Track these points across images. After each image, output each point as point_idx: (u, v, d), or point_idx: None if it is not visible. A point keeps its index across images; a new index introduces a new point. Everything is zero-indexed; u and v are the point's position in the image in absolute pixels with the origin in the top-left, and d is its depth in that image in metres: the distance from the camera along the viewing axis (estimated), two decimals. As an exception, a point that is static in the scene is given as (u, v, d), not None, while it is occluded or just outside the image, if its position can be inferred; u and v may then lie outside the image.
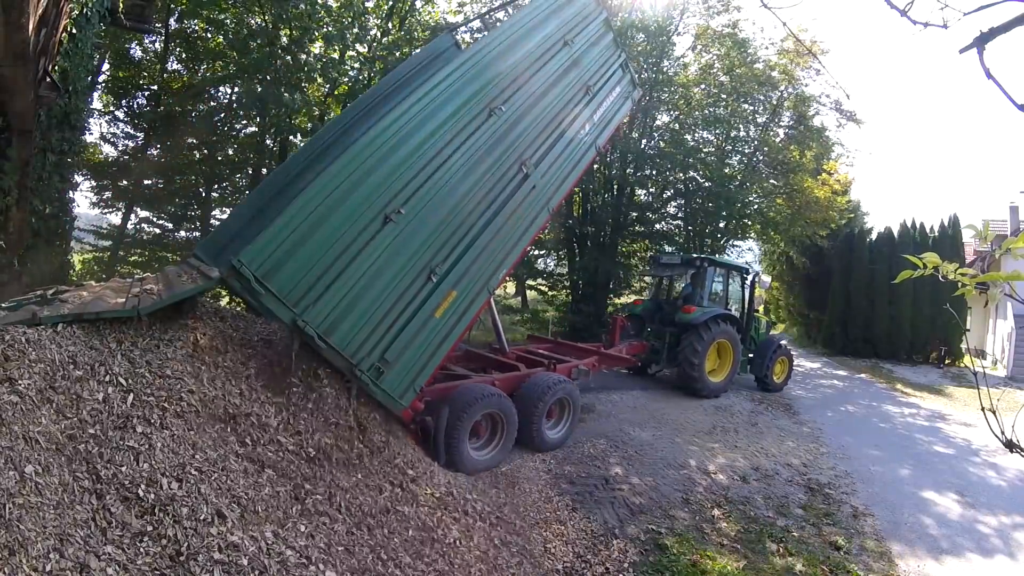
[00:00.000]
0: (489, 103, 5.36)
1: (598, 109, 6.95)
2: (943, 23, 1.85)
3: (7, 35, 3.94)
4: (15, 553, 2.25)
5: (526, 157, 5.76)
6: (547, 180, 6.09)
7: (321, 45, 12.33)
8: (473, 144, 5.22)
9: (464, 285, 5.17)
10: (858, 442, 8.29)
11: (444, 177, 4.95)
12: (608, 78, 7.21)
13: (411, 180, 4.71)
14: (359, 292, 4.42)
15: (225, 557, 2.78)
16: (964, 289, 1.62)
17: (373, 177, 4.47)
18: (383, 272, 4.54)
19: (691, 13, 15.37)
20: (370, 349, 4.49)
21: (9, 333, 3.18)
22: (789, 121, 16.55)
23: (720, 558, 4.61)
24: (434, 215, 4.87)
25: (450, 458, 5.18)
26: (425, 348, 4.88)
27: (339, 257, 4.31)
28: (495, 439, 5.76)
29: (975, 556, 5.03)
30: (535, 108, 5.92)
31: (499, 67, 5.53)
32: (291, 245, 4.11)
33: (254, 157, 13.83)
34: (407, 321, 4.73)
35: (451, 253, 5.05)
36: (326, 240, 4.24)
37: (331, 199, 4.28)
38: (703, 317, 9.48)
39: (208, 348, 4.05)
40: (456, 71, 5.11)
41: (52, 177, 6.68)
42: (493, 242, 5.44)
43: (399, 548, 3.62)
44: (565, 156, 6.40)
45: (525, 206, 5.81)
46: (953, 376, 15.61)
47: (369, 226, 4.46)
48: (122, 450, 2.97)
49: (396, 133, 4.61)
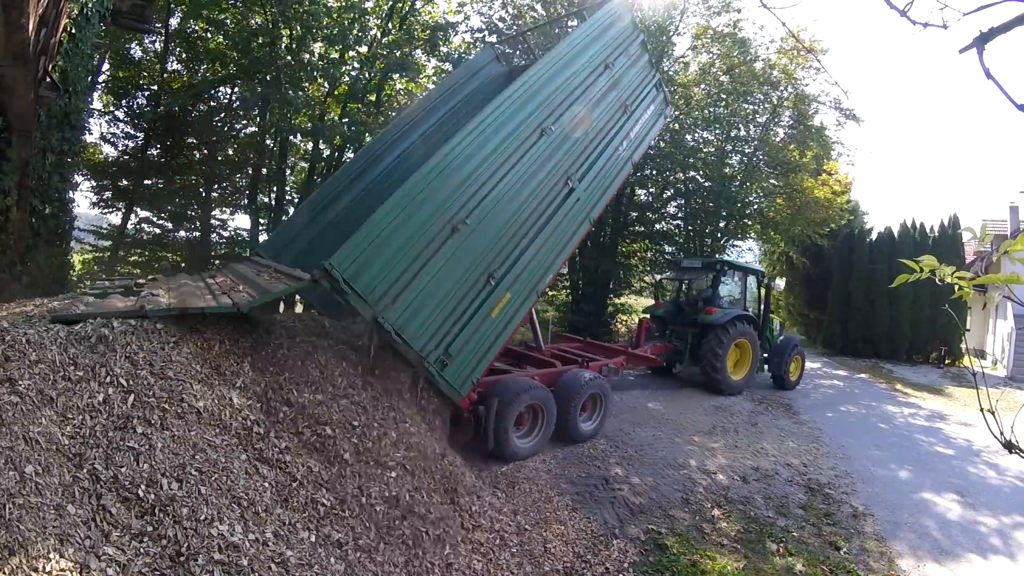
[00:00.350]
0: (540, 124, 5.90)
1: (635, 126, 7.43)
2: (943, 23, 1.85)
3: (7, 35, 3.95)
4: (15, 553, 2.25)
5: (571, 172, 6.31)
6: (589, 193, 6.61)
7: (322, 45, 12.33)
8: (526, 161, 5.77)
9: (516, 288, 5.71)
10: (858, 442, 8.29)
11: (502, 191, 5.52)
12: (644, 97, 7.68)
13: (474, 194, 5.28)
14: (428, 293, 4.94)
15: (225, 558, 2.78)
16: (962, 292, 1.62)
17: (442, 192, 5.03)
18: (449, 276, 5.08)
19: (691, 13, 15.39)
20: (436, 344, 5.01)
21: (10, 334, 3.18)
22: (789, 121, 16.55)
23: (720, 558, 4.62)
24: (493, 225, 5.45)
25: (497, 445, 5.72)
26: (482, 344, 5.41)
27: (413, 262, 4.84)
28: (536, 429, 6.24)
29: (975, 556, 5.03)
30: (580, 127, 6.44)
31: (549, 89, 6.05)
32: (372, 251, 4.60)
33: (254, 157, 13.83)
34: (468, 320, 5.27)
35: (506, 259, 5.60)
36: (402, 247, 4.76)
37: (407, 211, 4.79)
38: (724, 318, 9.86)
39: (208, 349, 4.05)
40: (513, 94, 5.63)
41: (52, 177, 6.68)
42: (542, 250, 5.98)
43: (400, 545, 3.62)
44: (605, 171, 6.87)
45: (570, 217, 6.32)
46: (953, 376, 15.61)
47: (439, 235, 5.01)
48: (122, 450, 2.97)
49: (461, 153, 5.19)
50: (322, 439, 3.95)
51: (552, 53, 6.27)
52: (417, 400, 5.06)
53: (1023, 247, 1.43)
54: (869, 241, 19.32)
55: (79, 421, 2.99)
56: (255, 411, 3.79)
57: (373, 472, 3.99)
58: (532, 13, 15.01)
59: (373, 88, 13.24)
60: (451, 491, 4.42)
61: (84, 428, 2.97)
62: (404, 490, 4.01)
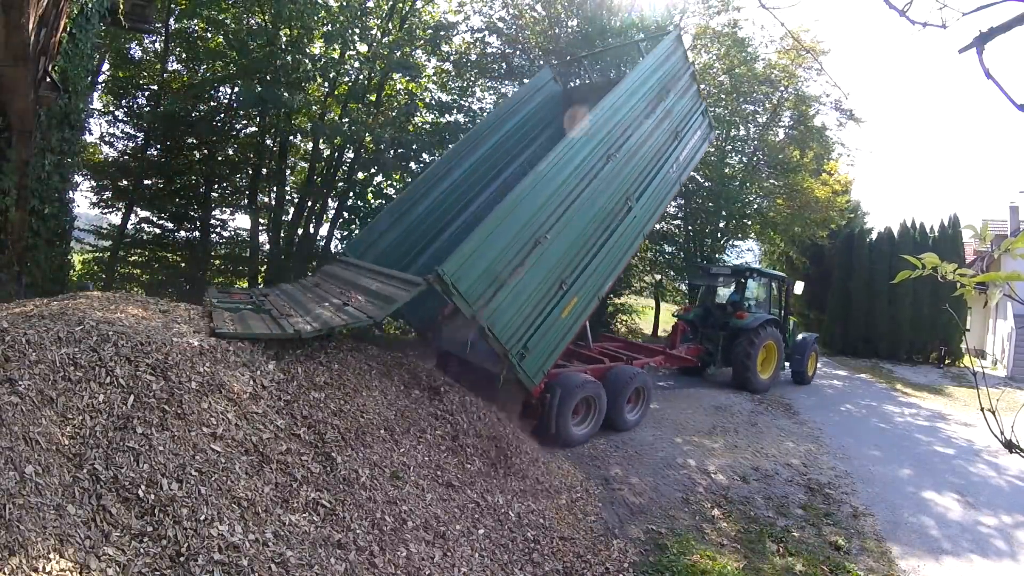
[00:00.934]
0: (607, 151, 6.69)
1: (683, 150, 8.19)
2: (942, 23, 1.85)
3: (7, 35, 3.95)
4: (15, 553, 2.25)
5: (631, 192, 7.06)
6: (644, 211, 7.36)
7: (321, 44, 12.32)
8: (595, 183, 6.54)
9: (583, 293, 6.49)
10: (858, 442, 8.29)
11: (575, 209, 6.31)
12: (692, 123, 8.39)
13: (553, 212, 6.09)
14: (513, 297, 5.74)
15: (225, 558, 2.78)
16: (963, 289, 1.62)
17: (529, 211, 5.88)
18: (530, 282, 5.89)
19: (691, 13, 15.38)
20: (518, 339, 5.80)
21: (10, 334, 3.18)
22: (789, 121, 16.54)
23: (720, 558, 4.62)
24: (567, 239, 6.24)
25: (557, 432, 6.41)
26: (553, 340, 6.20)
27: (503, 270, 5.65)
28: (589, 418, 6.96)
29: (975, 556, 5.03)
30: (639, 152, 7.20)
31: (615, 120, 6.85)
32: (473, 261, 5.42)
33: (254, 157, 13.82)
34: (543, 319, 6.06)
35: (576, 268, 6.39)
36: (496, 258, 5.59)
37: (501, 227, 5.67)
38: (755, 322, 10.54)
39: (209, 349, 4.05)
40: (587, 128, 6.48)
41: (52, 177, 6.68)
42: (604, 261, 6.75)
43: (402, 541, 3.62)
44: (658, 191, 7.64)
45: (628, 232, 7.08)
46: (953, 376, 15.61)
47: (524, 247, 5.82)
48: (122, 451, 2.97)
49: (545, 176, 6.01)
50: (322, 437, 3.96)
51: (618, 88, 6.98)
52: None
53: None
54: (869, 241, 19.31)
55: (79, 421, 2.99)
56: (259, 411, 3.79)
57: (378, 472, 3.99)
58: (532, 13, 15.01)
59: (373, 88, 13.24)
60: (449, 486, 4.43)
61: (84, 428, 2.97)
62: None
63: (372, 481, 3.96)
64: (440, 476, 4.50)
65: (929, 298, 17.12)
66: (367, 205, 14.44)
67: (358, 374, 4.97)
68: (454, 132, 13.54)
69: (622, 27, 13.87)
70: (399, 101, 14.18)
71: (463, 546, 3.93)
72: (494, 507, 4.55)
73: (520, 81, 15.59)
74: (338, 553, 3.28)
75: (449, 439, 5.08)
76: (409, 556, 3.57)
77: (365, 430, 4.38)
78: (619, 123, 6.87)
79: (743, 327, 10.46)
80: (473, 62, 14.80)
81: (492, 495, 4.68)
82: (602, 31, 13.57)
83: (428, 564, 3.60)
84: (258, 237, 14.29)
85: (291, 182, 14.85)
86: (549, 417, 6.40)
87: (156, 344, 3.81)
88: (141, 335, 3.85)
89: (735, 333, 10.56)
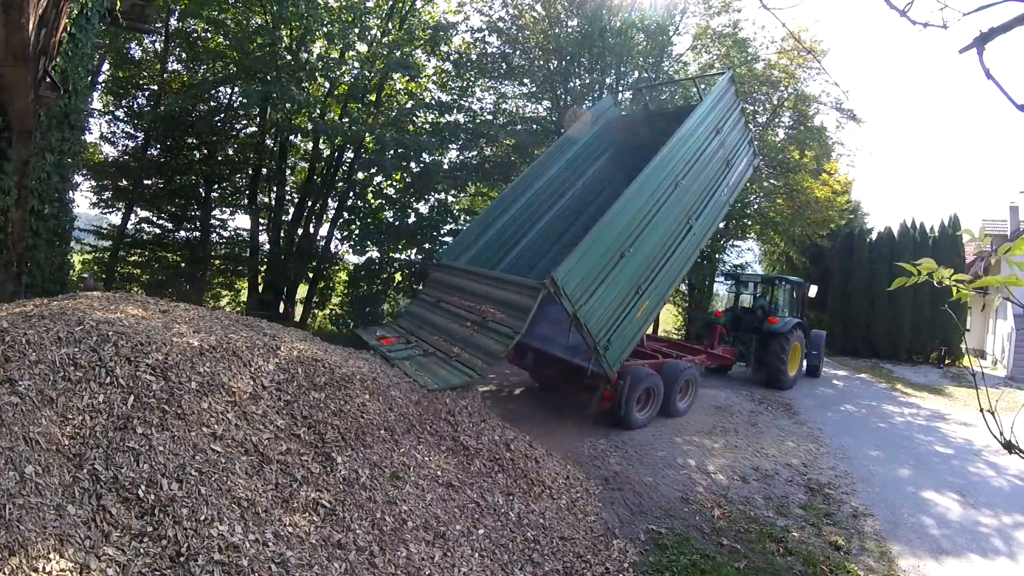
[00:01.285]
0: (675, 179, 7.79)
1: (732, 176, 9.28)
2: (943, 23, 1.85)
3: (7, 35, 3.95)
4: (15, 553, 2.25)
5: (691, 213, 8.16)
6: (701, 229, 8.47)
7: (322, 44, 12.32)
8: (665, 206, 7.63)
9: (653, 298, 7.57)
10: (858, 442, 8.29)
11: (651, 227, 7.41)
12: (740, 152, 9.47)
13: (635, 229, 7.20)
14: (602, 298, 6.81)
15: (225, 558, 2.78)
16: (961, 294, 1.61)
17: (618, 228, 7.01)
18: (615, 287, 6.98)
19: (691, 13, 15.38)
20: (603, 334, 6.88)
21: (10, 334, 3.18)
22: (789, 121, 16.54)
23: (720, 558, 4.61)
24: (644, 252, 7.34)
25: (625, 415, 7.48)
26: (628, 337, 7.27)
27: (597, 276, 6.75)
28: (648, 406, 8.00)
29: (975, 556, 5.03)
30: (698, 179, 8.26)
31: (681, 152, 7.95)
32: (576, 269, 6.49)
33: (254, 157, 13.83)
34: (622, 318, 7.12)
35: (649, 277, 7.49)
36: (593, 266, 6.72)
37: (596, 243, 6.76)
38: (786, 327, 11.58)
39: (209, 349, 4.05)
40: (661, 159, 7.60)
41: (52, 177, 6.67)
42: (669, 272, 7.84)
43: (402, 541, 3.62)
44: (711, 212, 8.74)
45: (688, 247, 8.20)
46: (953, 376, 15.61)
47: (612, 259, 6.94)
48: (122, 451, 2.97)
49: (631, 200, 7.10)
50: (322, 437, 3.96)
51: (683, 126, 8.07)
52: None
53: (1022, 251, 1.42)
54: (869, 241, 19.31)
55: (79, 421, 2.99)
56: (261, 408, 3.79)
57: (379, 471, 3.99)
58: (532, 13, 15.01)
59: (373, 88, 13.24)
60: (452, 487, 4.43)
61: (84, 428, 2.97)
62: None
63: (372, 481, 3.96)
64: (440, 476, 4.50)
65: (929, 298, 17.12)
66: (367, 205, 14.45)
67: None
68: (454, 132, 13.54)
69: (622, 27, 13.87)
70: (399, 101, 14.18)
71: (463, 546, 3.93)
72: (494, 507, 4.55)
73: (520, 81, 15.60)
74: (338, 553, 3.28)
75: (449, 439, 5.08)
76: (409, 556, 3.57)
77: (365, 430, 4.38)
78: (684, 155, 8.00)
79: (775, 331, 11.48)
80: (473, 62, 14.80)
81: (492, 495, 4.68)
82: (602, 31, 13.57)
83: (428, 564, 3.60)
84: (258, 237, 14.29)
85: (291, 182, 14.85)
86: (619, 402, 7.46)
87: (156, 344, 3.81)
88: (141, 335, 3.85)
89: (767, 336, 11.59)
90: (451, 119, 13.75)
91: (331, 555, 3.24)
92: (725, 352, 11.58)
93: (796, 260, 20.47)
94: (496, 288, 7.11)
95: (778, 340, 11.42)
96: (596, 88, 15.04)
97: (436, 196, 14.63)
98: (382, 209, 14.52)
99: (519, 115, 16.23)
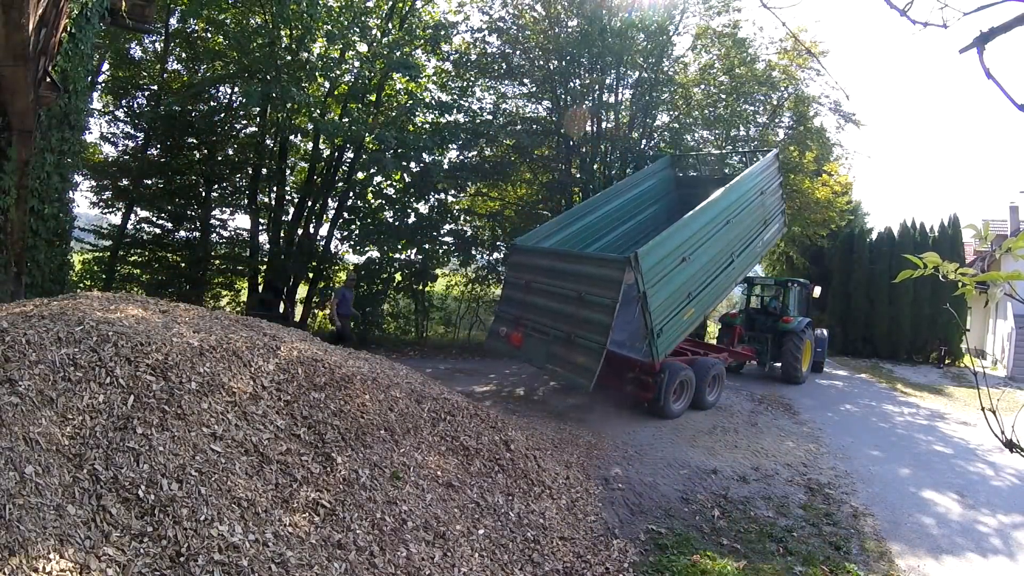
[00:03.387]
0: (727, 216, 9.20)
1: (767, 234, 10.91)
2: (943, 23, 1.85)
3: (7, 35, 3.95)
4: (15, 553, 2.25)
5: (735, 250, 9.57)
6: (739, 265, 9.86)
7: (322, 44, 12.31)
8: (718, 234, 8.99)
9: (697, 308, 8.75)
10: (858, 442, 8.29)
11: (706, 246, 8.72)
12: (775, 217, 11.09)
13: (696, 242, 8.47)
14: (664, 288, 7.87)
15: (225, 558, 2.78)
16: (964, 289, 1.61)
17: (682, 237, 8.22)
18: (673, 282, 8.08)
19: (691, 13, 15.36)
20: (659, 320, 7.84)
21: (10, 334, 3.18)
22: (789, 122, 16.52)
23: (720, 558, 4.61)
24: (698, 263, 8.56)
25: (664, 404, 8.36)
26: (675, 332, 8.34)
27: (664, 268, 7.84)
28: (683, 397, 8.82)
29: (975, 556, 5.03)
30: (743, 223, 9.75)
31: (732, 198, 9.36)
32: (653, 252, 7.57)
33: (254, 157, 13.82)
34: (674, 315, 8.17)
35: (698, 286, 8.68)
36: (663, 257, 7.82)
37: (669, 239, 7.97)
38: (799, 326, 12.40)
39: (209, 349, 4.05)
40: (723, 193, 9.08)
41: (52, 177, 6.67)
42: (712, 291, 9.07)
43: (403, 541, 3.62)
44: (748, 256, 10.22)
45: (727, 276, 9.50)
46: (953, 376, 15.61)
47: (677, 258, 8.10)
48: (122, 451, 2.97)
49: (694, 219, 8.43)
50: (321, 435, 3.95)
51: (738, 177, 9.80)
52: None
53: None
54: (869, 241, 19.31)
55: (79, 422, 2.99)
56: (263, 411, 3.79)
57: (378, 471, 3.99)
58: (532, 13, 15.01)
59: (373, 88, 13.23)
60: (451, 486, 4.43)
61: (84, 429, 2.97)
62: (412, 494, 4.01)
63: (372, 481, 3.96)
64: (440, 476, 4.50)
65: (929, 298, 17.12)
66: (367, 205, 14.45)
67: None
68: (454, 132, 13.53)
69: (622, 27, 13.86)
70: (399, 101, 14.18)
71: (463, 546, 3.93)
72: (494, 507, 4.55)
73: (520, 81, 15.60)
74: (338, 553, 3.28)
75: (449, 439, 5.08)
76: (409, 556, 3.57)
77: (365, 430, 4.38)
78: (736, 199, 9.44)
79: (790, 330, 12.30)
80: (473, 62, 14.79)
81: (492, 495, 4.67)
82: (602, 31, 13.56)
83: (428, 564, 3.60)
84: (258, 237, 14.29)
85: (291, 182, 14.84)
86: (659, 394, 8.33)
87: (156, 344, 3.81)
88: (141, 335, 3.84)
89: (782, 335, 12.41)
90: (451, 119, 13.74)
91: (331, 555, 3.24)
92: (744, 351, 12.35)
93: (796, 260, 20.46)
94: (584, 265, 7.97)
95: (792, 339, 12.23)
96: (596, 88, 15.03)
97: (436, 196, 14.64)
98: (382, 209, 14.52)
99: (519, 115, 16.22)
